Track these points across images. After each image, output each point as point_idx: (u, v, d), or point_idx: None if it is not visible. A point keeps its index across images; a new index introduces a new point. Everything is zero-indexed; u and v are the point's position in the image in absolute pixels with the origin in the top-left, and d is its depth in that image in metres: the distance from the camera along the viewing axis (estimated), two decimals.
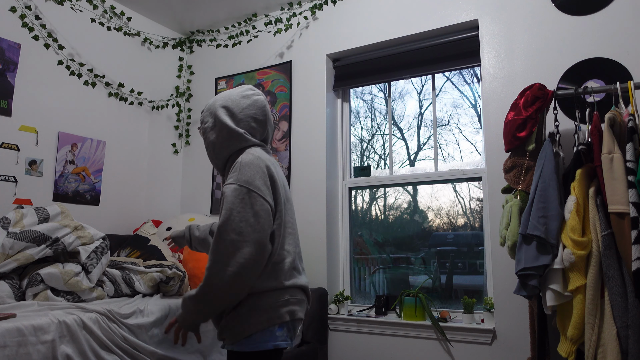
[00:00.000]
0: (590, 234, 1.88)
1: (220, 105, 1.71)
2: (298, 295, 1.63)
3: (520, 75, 2.65)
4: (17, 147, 2.79)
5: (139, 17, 3.64)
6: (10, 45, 2.79)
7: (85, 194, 3.13)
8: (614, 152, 1.84)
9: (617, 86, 2.06)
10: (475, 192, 2.97)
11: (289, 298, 1.59)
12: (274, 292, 1.56)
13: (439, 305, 2.92)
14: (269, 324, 1.52)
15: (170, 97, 3.84)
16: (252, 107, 1.72)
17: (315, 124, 3.30)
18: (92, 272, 2.24)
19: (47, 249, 2.17)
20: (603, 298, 1.84)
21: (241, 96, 1.73)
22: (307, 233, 3.19)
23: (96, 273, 2.27)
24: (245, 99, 1.72)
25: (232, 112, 1.69)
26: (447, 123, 3.12)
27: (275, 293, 1.56)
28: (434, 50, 3.03)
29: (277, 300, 1.55)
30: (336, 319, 3.02)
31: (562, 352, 1.95)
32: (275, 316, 1.53)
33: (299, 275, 1.65)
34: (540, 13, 2.64)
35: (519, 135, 2.15)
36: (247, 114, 1.71)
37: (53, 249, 2.19)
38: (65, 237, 2.25)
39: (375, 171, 3.33)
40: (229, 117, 1.69)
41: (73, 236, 2.28)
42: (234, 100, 1.71)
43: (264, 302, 1.54)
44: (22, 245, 2.11)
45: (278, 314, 1.54)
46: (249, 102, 1.72)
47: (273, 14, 3.60)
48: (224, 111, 1.69)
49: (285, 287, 1.58)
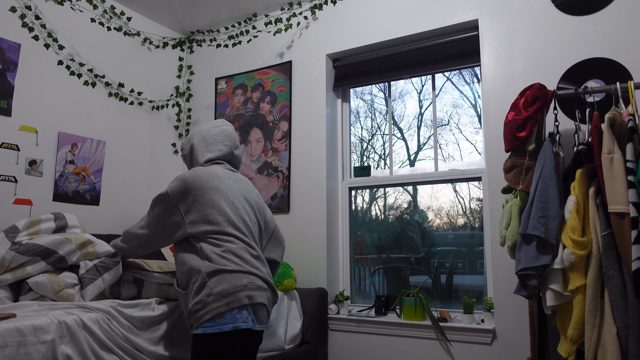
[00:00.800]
0: (590, 234, 1.88)
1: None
2: (257, 282, 1.83)
3: (520, 75, 2.65)
4: (17, 147, 2.79)
5: (139, 17, 3.64)
6: (10, 45, 2.79)
7: (85, 194, 3.13)
8: (614, 152, 1.84)
9: (617, 86, 2.06)
10: (475, 192, 2.97)
11: (247, 284, 1.79)
12: (231, 276, 1.79)
13: (439, 305, 2.92)
14: (228, 308, 1.73)
15: (170, 97, 3.84)
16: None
17: (315, 124, 3.30)
18: (86, 289, 2.05)
19: (47, 266, 2.03)
20: (603, 298, 1.84)
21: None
22: (307, 233, 3.20)
23: (91, 290, 2.06)
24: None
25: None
26: (447, 123, 3.12)
27: (232, 277, 1.79)
28: (434, 50, 3.03)
29: (235, 286, 1.76)
30: (336, 319, 3.02)
31: (562, 352, 1.95)
32: (234, 300, 1.75)
33: (249, 264, 1.86)
34: (540, 13, 2.64)
35: (519, 135, 2.15)
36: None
37: (53, 264, 2.06)
38: (69, 255, 2.09)
39: (375, 171, 3.33)
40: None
41: (78, 253, 2.11)
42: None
43: (222, 287, 1.76)
44: (22, 259, 1.99)
45: (236, 297, 1.75)
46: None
47: (273, 14, 3.60)
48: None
49: (243, 272, 1.82)
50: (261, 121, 3.53)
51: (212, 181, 1.94)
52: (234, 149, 2.15)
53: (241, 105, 3.65)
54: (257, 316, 1.81)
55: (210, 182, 1.94)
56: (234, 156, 2.15)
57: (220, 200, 1.92)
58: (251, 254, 1.89)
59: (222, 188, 1.95)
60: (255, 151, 3.52)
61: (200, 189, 1.91)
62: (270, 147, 3.46)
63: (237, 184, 2.04)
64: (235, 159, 2.16)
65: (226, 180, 1.99)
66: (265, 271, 1.92)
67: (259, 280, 1.84)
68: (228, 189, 1.97)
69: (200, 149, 2.09)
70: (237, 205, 1.96)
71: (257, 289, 1.82)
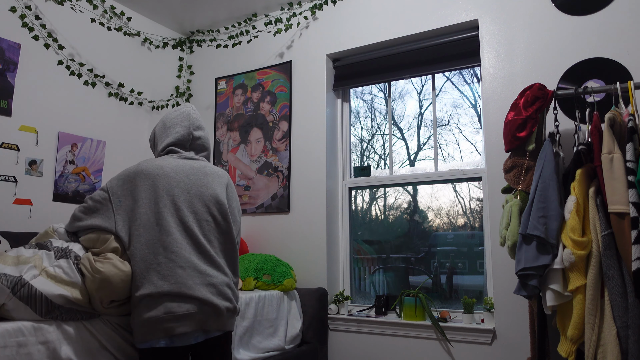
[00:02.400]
0: (590, 234, 1.88)
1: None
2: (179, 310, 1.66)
3: (520, 75, 2.65)
4: (17, 147, 2.79)
5: (139, 17, 3.64)
6: (10, 45, 2.79)
7: (85, 194, 3.13)
8: (614, 152, 1.84)
9: (617, 86, 2.06)
10: (475, 192, 2.97)
11: (163, 316, 1.63)
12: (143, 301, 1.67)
13: (439, 305, 2.92)
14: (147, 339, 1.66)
15: (170, 97, 3.84)
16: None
17: (315, 124, 3.30)
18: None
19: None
20: (603, 298, 1.84)
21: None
22: (307, 233, 3.20)
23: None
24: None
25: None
26: (447, 123, 3.12)
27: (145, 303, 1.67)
28: (434, 50, 3.03)
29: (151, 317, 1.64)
30: (336, 319, 3.02)
31: (562, 352, 1.95)
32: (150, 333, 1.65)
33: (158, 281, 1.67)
34: (540, 13, 2.64)
35: (519, 135, 2.15)
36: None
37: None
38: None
39: (375, 171, 3.33)
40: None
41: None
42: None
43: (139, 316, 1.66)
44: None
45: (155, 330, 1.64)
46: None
47: (273, 14, 3.60)
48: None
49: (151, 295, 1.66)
50: (261, 121, 3.53)
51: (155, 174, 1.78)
52: (194, 130, 1.92)
53: (241, 105, 3.65)
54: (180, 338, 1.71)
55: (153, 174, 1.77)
56: (193, 138, 1.92)
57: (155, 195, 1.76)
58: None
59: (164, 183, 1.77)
60: (255, 151, 3.52)
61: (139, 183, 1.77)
62: (270, 147, 3.46)
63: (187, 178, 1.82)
64: (195, 141, 1.93)
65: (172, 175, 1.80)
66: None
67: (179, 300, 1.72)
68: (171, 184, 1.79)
69: (159, 135, 1.94)
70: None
71: (175, 320, 1.70)
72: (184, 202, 1.76)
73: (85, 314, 1.73)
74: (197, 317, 1.67)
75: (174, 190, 1.77)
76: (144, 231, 1.72)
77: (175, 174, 1.79)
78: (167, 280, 1.65)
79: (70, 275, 1.69)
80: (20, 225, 2.75)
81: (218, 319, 1.73)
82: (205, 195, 1.81)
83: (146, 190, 1.75)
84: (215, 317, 1.72)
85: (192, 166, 1.85)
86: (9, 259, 1.71)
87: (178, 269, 1.67)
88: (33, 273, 1.65)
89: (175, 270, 1.67)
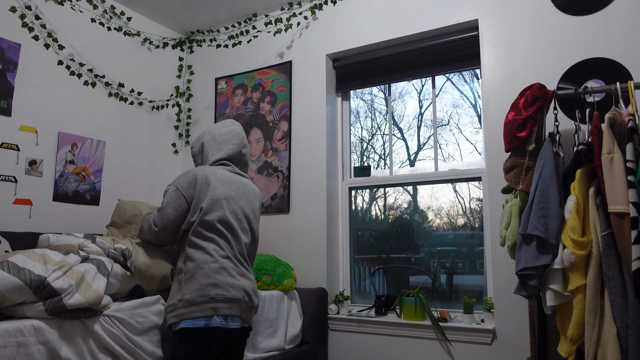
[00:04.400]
0: (590, 234, 1.88)
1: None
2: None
3: (520, 75, 2.65)
4: (17, 147, 2.79)
5: (139, 17, 3.64)
6: (10, 45, 2.79)
7: (85, 194, 3.13)
8: (614, 152, 1.84)
9: (617, 86, 2.06)
10: (475, 192, 2.97)
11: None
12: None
13: (439, 305, 2.92)
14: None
15: (170, 97, 3.84)
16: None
17: (315, 124, 3.30)
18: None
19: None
20: (603, 298, 1.84)
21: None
22: (307, 233, 3.20)
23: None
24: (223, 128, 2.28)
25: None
26: (447, 123, 3.12)
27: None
28: (434, 52, 3.03)
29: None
30: (336, 319, 3.02)
31: (562, 352, 1.95)
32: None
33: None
34: (540, 13, 2.64)
35: (519, 135, 2.15)
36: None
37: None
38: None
39: (375, 171, 3.33)
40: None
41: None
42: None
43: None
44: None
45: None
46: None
47: (273, 14, 3.60)
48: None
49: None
50: (261, 121, 3.53)
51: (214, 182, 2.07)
52: (242, 148, 2.25)
53: (241, 105, 3.65)
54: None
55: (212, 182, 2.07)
56: (242, 155, 2.25)
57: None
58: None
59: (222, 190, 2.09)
60: (255, 151, 3.52)
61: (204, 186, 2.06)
62: (270, 147, 3.46)
63: (239, 189, 2.15)
64: (243, 157, 2.26)
65: (228, 184, 2.11)
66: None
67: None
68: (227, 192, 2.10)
69: (211, 148, 2.19)
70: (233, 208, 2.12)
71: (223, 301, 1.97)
72: (234, 208, 2.08)
73: (88, 311, 1.76)
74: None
75: (228, 197, 2.07)
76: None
77: (230, 183, 2.11)
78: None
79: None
80: (20, 225, 2.75)
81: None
82: (246, 207, 2.14)
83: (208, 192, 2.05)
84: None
85: (240, 181, 2.17)
86: (36, 256, 1.76)
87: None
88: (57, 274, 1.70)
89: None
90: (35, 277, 1.64)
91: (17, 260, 1.67)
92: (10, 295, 1.59)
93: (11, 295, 1.59)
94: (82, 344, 1.75)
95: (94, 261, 1.91)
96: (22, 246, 2.53)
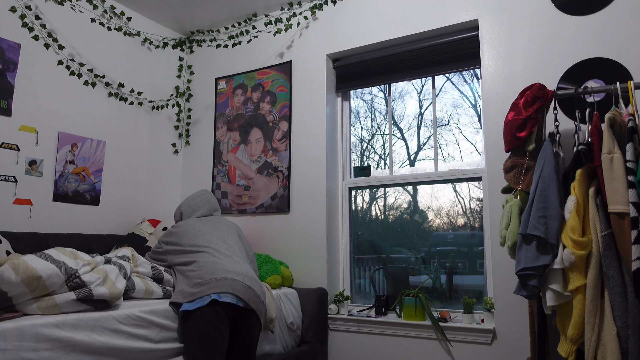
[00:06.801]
0: (590, 234, 1.88)
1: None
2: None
3: (520, 75, 2.65)
4: (17, 147, 2.79)
5: (139, 17, 3.64)
6: (10, 45, 2.79)
7: (85, 194, 3.13)
8: (614, 152, 1.84)
9: (617, 86, 2.06)
10: (475, 192, 2.97)
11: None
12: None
13: (439, 305, 2.92)
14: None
15: (170, 97, 3.84)
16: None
17: (315, 124, 3.30)
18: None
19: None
20: (603, 298, 1.84)
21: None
22: (307, 233, 3.20)
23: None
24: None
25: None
26: (447, 123, 3.12)
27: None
28: (434, 52, 3.03)
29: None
30: (336, 319, 3.02)
31: (562, 352, 1.95)
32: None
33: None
34: (540, 13, 2.64)
35: (519, 135, 2.15)
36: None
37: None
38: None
39: (375, 171, 3.33)
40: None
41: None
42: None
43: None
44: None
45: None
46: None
47: (273, 14, 3.60)
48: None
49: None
50: (261, 121, 3.53)
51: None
52: (213, 212, 2.76)
53: (241, 105, 3.65)
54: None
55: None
56: (211, 215, 2.75)
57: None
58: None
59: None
60: (255, 151, 3.52)
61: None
62: (270, 147, 3.46)
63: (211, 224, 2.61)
64: (213, 214, 2.77)
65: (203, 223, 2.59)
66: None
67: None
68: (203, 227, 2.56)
69: (187, 212, 2.72)
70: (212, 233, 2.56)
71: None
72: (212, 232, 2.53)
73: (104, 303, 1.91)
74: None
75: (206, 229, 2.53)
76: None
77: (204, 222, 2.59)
78: None
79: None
80: (20, 225, 2.75)
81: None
82: (222, 228, 2.59)
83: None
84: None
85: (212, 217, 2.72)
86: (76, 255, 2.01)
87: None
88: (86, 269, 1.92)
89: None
90: (69, 269, 1.84)
91: (52, 253, 1.88)
92: (47, 281, 1.75)
93: (47, 281, 1.75)
94: (82, 344, 1.75)
95: (116, 264, 2.13)
96: (22, 246, 2.54)
